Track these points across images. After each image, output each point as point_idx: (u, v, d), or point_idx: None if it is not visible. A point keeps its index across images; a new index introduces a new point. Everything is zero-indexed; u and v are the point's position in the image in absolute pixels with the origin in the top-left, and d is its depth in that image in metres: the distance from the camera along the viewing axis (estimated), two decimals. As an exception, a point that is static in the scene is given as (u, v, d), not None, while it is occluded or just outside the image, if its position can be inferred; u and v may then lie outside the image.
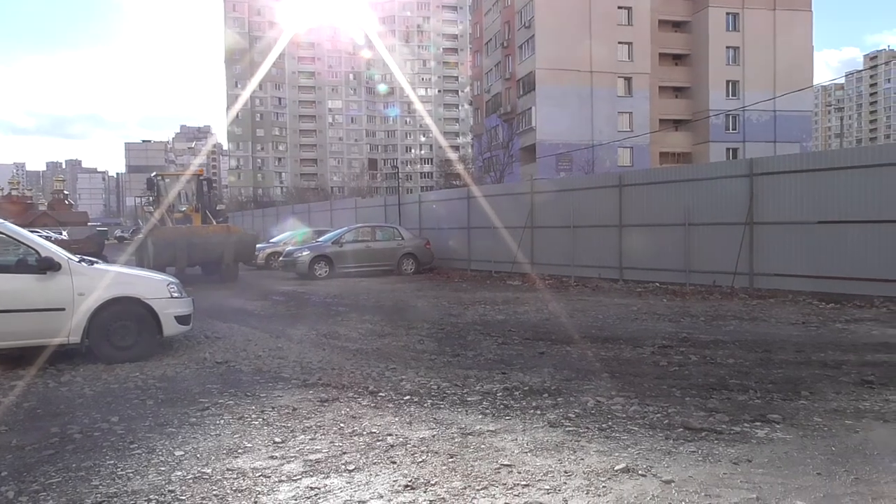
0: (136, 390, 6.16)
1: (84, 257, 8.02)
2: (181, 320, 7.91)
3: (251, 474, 3.92)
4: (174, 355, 7.82)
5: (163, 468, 4.05)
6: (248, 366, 7.20)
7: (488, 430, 4.70)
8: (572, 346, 8.01)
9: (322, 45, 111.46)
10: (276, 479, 3.83)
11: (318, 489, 3.68)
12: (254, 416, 5.19)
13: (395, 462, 4.08)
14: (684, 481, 3.68)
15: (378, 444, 4.44)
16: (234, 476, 3.89)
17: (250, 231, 25.61)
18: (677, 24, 52.62)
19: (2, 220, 7.57)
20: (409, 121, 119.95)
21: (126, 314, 7.50)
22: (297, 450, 4.35)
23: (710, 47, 50.58)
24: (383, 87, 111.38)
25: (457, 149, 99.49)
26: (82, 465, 4.15)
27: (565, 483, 3.69)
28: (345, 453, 4.26)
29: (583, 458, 4.08)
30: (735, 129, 51.08)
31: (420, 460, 4.10)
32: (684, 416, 4.95)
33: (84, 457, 4.31)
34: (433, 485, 3.70)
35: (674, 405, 5.27)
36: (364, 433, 4.68)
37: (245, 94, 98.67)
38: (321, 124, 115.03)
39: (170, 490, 3.69)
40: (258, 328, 10.06)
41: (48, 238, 15.97)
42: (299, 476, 3.88)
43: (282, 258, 21.18)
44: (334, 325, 10.20)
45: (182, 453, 4.32)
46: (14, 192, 72.88)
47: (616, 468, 3.88)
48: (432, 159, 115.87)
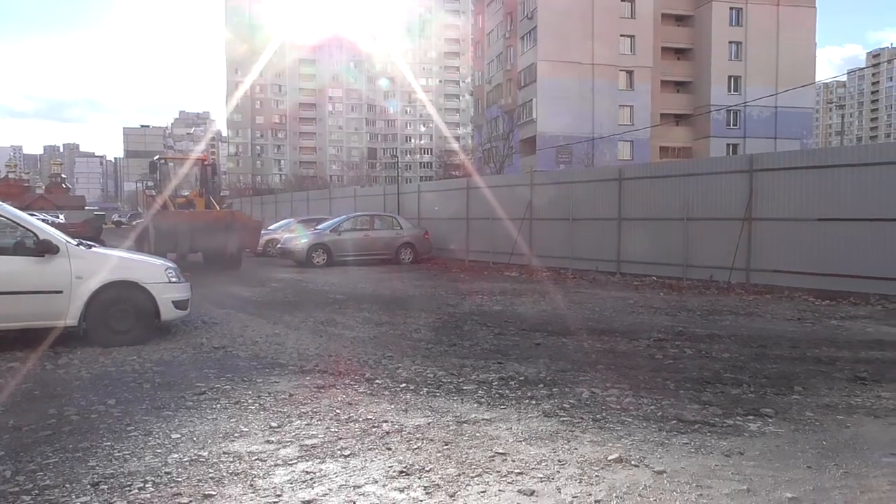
0: (134, 374, 6.18)
1: (82, 241, 8.02)
2: (179, 305, 7.92)
3: (247, 458, 3.95)
4: (171, 340, 7.84)
5: (159, 450, 4.08)
6: (245, 351, 7.23)
7: (483, 419, 4.73)
8: (568, 338, 8.04)
9: (323, 33, 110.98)
10: (272, 463, 3.86)
11: (314, 473, 3.71)
12: (250, 400, 5.22)
13: (390, 448, 4.11)
14: (676, 472, 3.71)
15: (374, 430, 4.47)
16: (231, 459, 3.92)
17: (255, 218, 25.56)
18: (680, 18, 52.46)
19: (0, 202, 7.56)
20: (409, 111, 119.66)
21: (124, 298, 7.52)
22: (293, 435, 4.38)
23: (712, 42, 50.45)
24: (385, 82, 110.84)
25: (456, 139, 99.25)
26: (79, 446, 4.18)
27: (558, 472, 3.73)
28: (340, 439, 4.29)
29: (576, 448, 4.12)
30: (736, 125, 51.05)
31: (415, 447, 4.13)
32: (678, 409, 4.99)
33: (81, 438, 4.33)
34: (428, 471, 3.73)
35: (668, 398, 5.31)
36: (360, 419, 4.71)
37: (247, 83, 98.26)
38: (321, 112, 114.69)
39: (166, 472, 3.72)
40: (255, 314, 10.08)
41: (45, 221, 15.88)
42: (295, 460, 3.91)
43: (280, 245, 21.21)
44: (331, 313, 10.22)
45: (178, 436, 4.35)
46: (11, 176, 72.74)
47: (609, 458, 3.91)
48: (432, 150, 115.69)
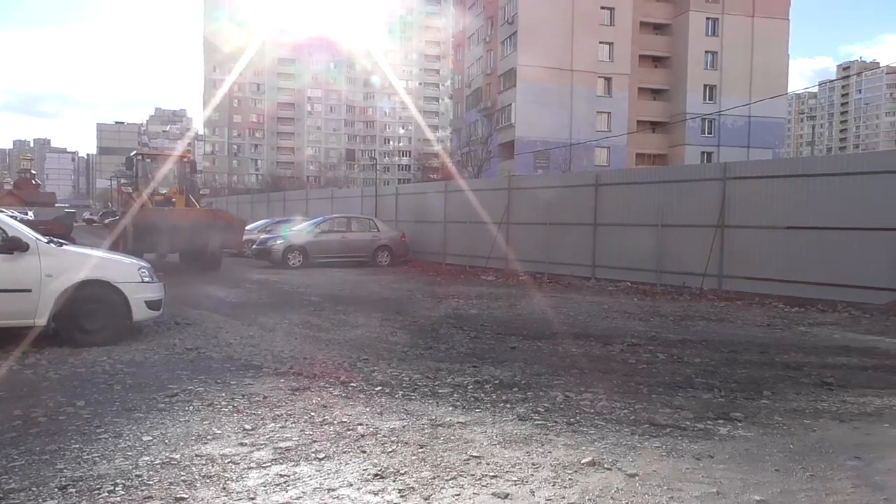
0: (104, 375, 6.09)
1: (53, 238, 7.89)
2: (152, 305, 7.82)
3: (220, 460, 3.91)
4: (143, 341, 7.74)
5: (130, 453, 4.03)
6: (218, 353, 7.16)
7: (458, 422, 4.75)
8: (543, 342, 8.10)
9: (303, 32, 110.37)
10: (246, 466, 3.83)
11: (288, 476, 3.69)
12: (224, 403, 5.17)
13: (365, 451, 4.11)
14: (648, 475, 3.76)
15: (348, 433, 4.46)
16: (203, 462, 3.88)
17: (243, 214, 24.88)
18: (658, 27, 53.11)
19: None
20: (388, 112, 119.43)
21: (95, 297, 7.40)
22: (267, 437, 4.36)
23: (689, 51, 51.15)
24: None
25: (439, 142, 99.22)
26: (46, 448, 4.11)
27: (532, 475, 3.76)
28: (315, 442, 4.27)
29: (550, 451, 4.15)
30: (710, 133, 51.77)
31: (390, 450, 4.13)
32: (650, 413, 5.05)
33: (48, 440, 4.26)
34: (402, 474, 3.73)
35: (640, 402, 5.37)
36: (335, 422, 4.69)
37: (227, 82, 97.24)
38: (300, 112, 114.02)
39: (137, 475, 3.67)
40: (230, 316, 9.99)
41: (13, 218, 15.52)
42: (269, 463, 3.89)
43: (255, 246, 21.02)
44: (307, 315, 10.17)
45: (150, 438, 4.30)
46: (-22, 170, 71.00)
47: (582, 461, 3.95)
48: (410, 152, 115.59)
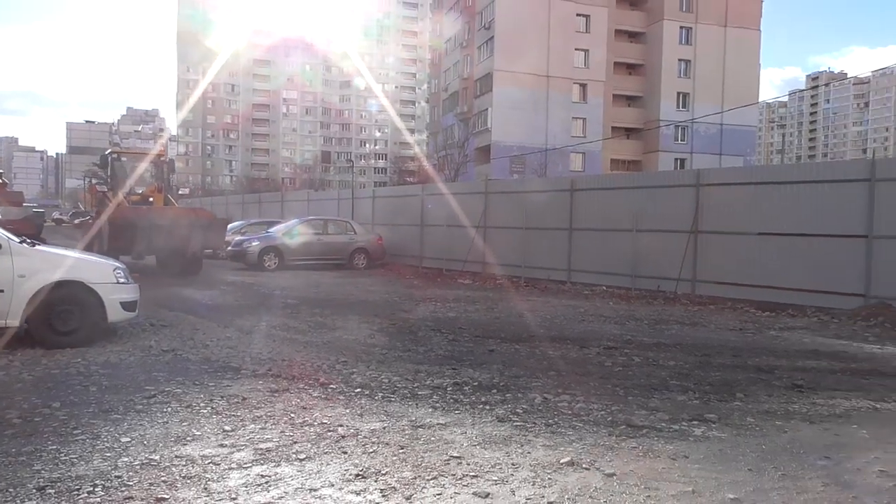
0: (79, 376, 6.01)
1: (26, 238, 7.77)
2: (127, 306, 7.73)
3: (200, 461, 3.90)
4: (118, 342, 7.64)
5: (108, 454, 3.99)
6: (195, 355, 7.10)
7: (438, 424, 4.78)
8: (521, 345, 8.17)
9: (279, 33, 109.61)
10: (227, 467, 3.83)
11: (269, 477, 3.69)
12: (202, 404, 5.15)
13: (346, 452, 4.12)
14: (625, 475, 3.83)
15: (329, 434, 4.47)
16: (183, 463, 3.87)
17: (220, 215, 22.84)
18: (633, 35, 53.83)
19: None
20: (364, 115, 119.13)
21: (69, 298, 7.30)
22: (248, 438, 4.35)
23: (663, 59, 51.94)
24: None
25: (417, 145, 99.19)
26: (23, 449, 4.05)
27: (512, 475, 3.81)
28: (296, 443, 4.28)
29: (529, 452, 4.21)
30: (684, 140, 52.60)
31: (371, 451, 4.15)
32: (627, 414, 5.14)
33: (24, 441, 4.20)
34: (384, 474, 3.76)
35: (617, 403, 5.46)
36: (315, 424, 4.70)
37: (203, 84, 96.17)
38: (275, 114, 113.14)
39: (116, 476, 3.65)
40: (206, 317, 9.90)
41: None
42: (250, 464, 3.88)
43: (230, 248, 20.78)
44: (284, 318, 10.12)
45: (128, 440, 4.26)
46: (-57, 168, 69.32)
47: (561, 461, 4.01)
48: (386, 155, 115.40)
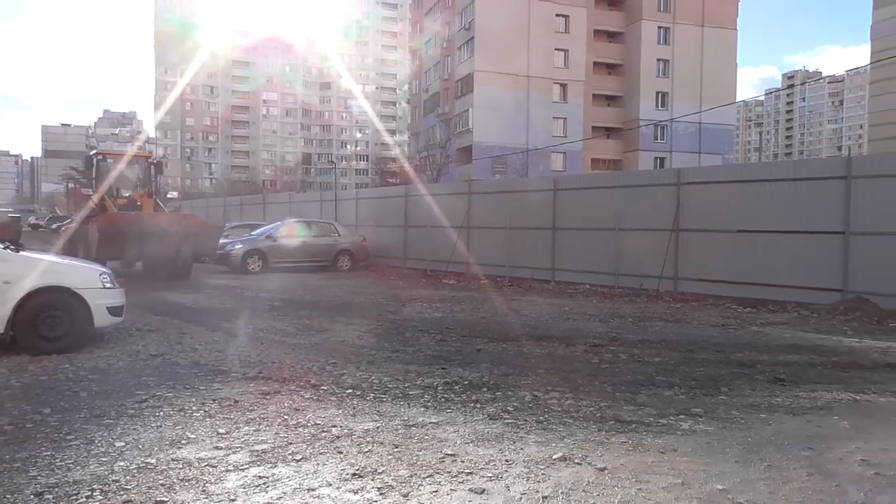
0: (68, 382, 5.99)
1: (9, 244, 7.70)
2: (113, 311, 7.70)
3: (197, 464, 3.93)
4: (105, 347, 7.61)
5: (104, 459, 4.00)
6: (184, 359, 7.09)
7: (431, 422, 4.84)
8: (508, 344, 8.26)
9: (258, 34, 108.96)
10: (223, 469, 3.86)
11: (267, 478, 3.73)
12: (195, 408, 5.16)
13: (341, 452, 4.17)
14: (616, 469, 3.92)
15: (323, 435, 4.52)
16: (180, 466, 3.89)
17: (213, 222, 22.30)
18: (612, 35, 54.26)
19: None
20: (345, 116, 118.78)
21: (55, 304, 7.25)
22: (242, 441, 4.38)
23: (641, 59, 52.42)
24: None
25: (398, 146, 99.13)
26: (17, 456, 4.05)
27: (506, 471, 3.88)
28: (291, 444, 4.31)
29: (522, 448, 4.28)
30: (663, 139, 53.13)
31: (366, 450, 4.20)
32: (615, 410, 5.24)
33: (17, 448, 4.20)
34: (380, 473, 3.81)
35: (605, 400, 5.56)
36: (309, 425, 4.74)
37: (180, 86, 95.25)
38: (255, 116, 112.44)
39: (114, 480, 3.66)
40: (192, 321, 9.87)
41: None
42: (246, 465, 3.92)
43: (213, 251, 20.66)
44: (270, 320, 10.11)
45: (123, 444, 4.27)
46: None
47: (554, 457, 4.09)
48: (368, 156, 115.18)
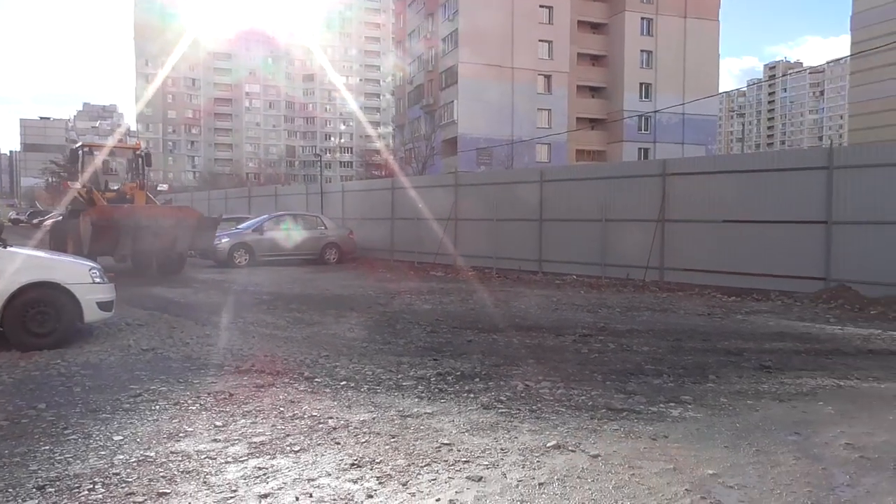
0: (60, 377, 5.98)
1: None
2: (103, 306, 7.68)
3: (196, 456, 3.96)
4: (95, 342, 7.59)
5: (103, 452, 4.03)
6: (176, 353, 7.10)
7: (425, 413, 4.91)
8: (498, 335, 8.34)
9: (239, 26, 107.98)
10: (223, 461, 3.90)
11: (266, 469, 3.78)
12: (190, 401, 5.18)
13: (338, 443, 4.22)
14: (609, 455, 4.01)
15: (320, 426, 4.56)
16: (179, 459, 3.92)
17: (220, 214, 21.55)
18: (595, 26, 54.44)
19: None
20: (329, 108, 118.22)
21: (44, 300, 7.22)
22: (240, 433, 4.42)
23: (625, 50, 52.67)
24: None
25: (381, 138, 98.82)
26: (15, 451, 4.06)
27: (502, 459, 3.95)
28: (288, 435, 4.36)
29: (516, 437, 4.36)
30: (647, 130, 53.46)
31: (363, 441, 4.26)
32: (606, 398, 5.33)
33: (15, 443, 4.21)
34: (378, 463, 3.87)
35: (596, 388, 5.65)
36: (305, 416, 4.78)
37: (160, 77, 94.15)
38: (237, 108, 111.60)
39: (114, 473, 3.69)
40: (181, 315, 9.85)
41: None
42: (245, 457, 3.96)
43: (199, 245, 20.51)
44: (260, 314, 10.12)
45: (121, 438, 4.29)
46: None
47: (548, 445, 4.17)
48: (352, 148, 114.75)
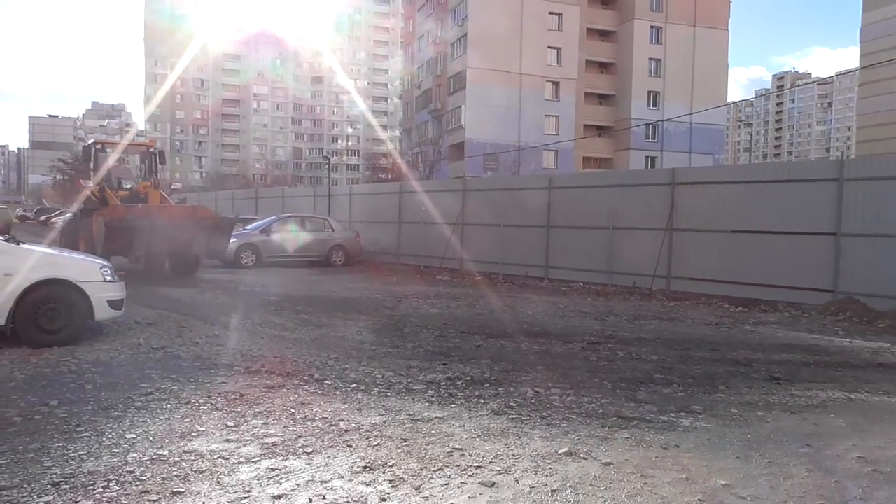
0: (71, 374, 6.01)
1: (10, 236, 7.69)
2: (114, 305, 7.71)
3: (209, 456, 3.97)
4: (105, 341, 7.61)
5: (116, 450, 4.04)
6: (186, 352, 7.12)
7: (436, 417, 4.91)
8: (506, 340, 8.33)
9: (249, 27, 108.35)
10: (236, 461, 3.91)
11: (279, 470, 3.78)
12: (201, 401, 5.20)
13: (350, 446, 4.23)
14: (622, 463, 4.01)
15: (332, 428, 4.57)
16: (192, 458, 3.94)
17: (226, 214, 20.67)
18: (604, 34, 54.47)
19: None
20: (336, 111, 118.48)
21: (56, 297, 7.25)
22: (252, 434, 4.43)
23: (634, 58, 52.67)
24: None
25: (390, 141, 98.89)
26: (29, 447, 4.08)
27: (514, 465, 3.95)
28: (300, 437, 4.37)
29: (528, 443, 4.36)
30: (654, 138, 53.41)
31: (375, 444, 4.27)
32: (617, 407, 5.33)
33: (29, 439, 4.23)
34: (391, 466, 3.88)
35: (606, 396, 5.65)
36: (316, 418, 4.79)
37: (170, 79, 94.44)
38: (245, 109, 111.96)
39: (128, 471, 3.70)
40: (189, 315, 9.88)
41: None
42: (258, 458, 3.97)
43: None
44: (268, 315, 10.14)
45: (133, 436, 4.31)
46: None
47: (559, 452, 4.17)
48: (359, 151, 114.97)
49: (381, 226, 22.33)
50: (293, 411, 4.96)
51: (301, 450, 4.13)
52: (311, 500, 3.39)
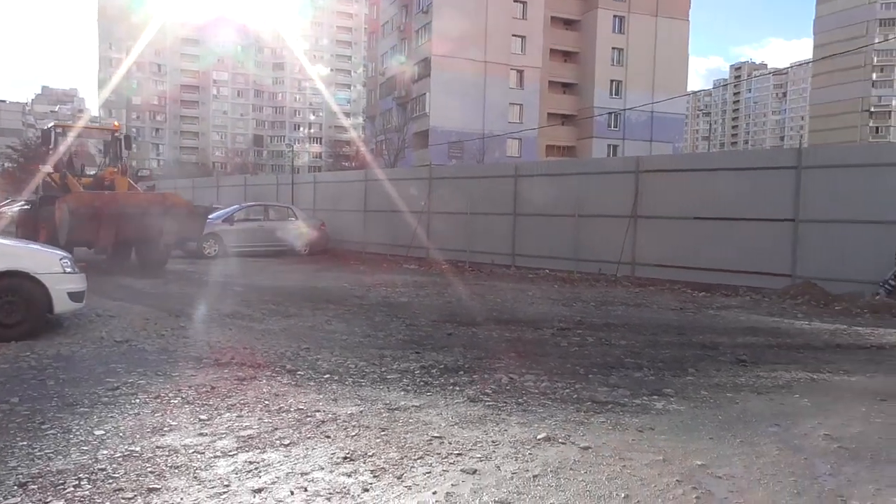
0: (31, 370, 5.81)
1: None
2: (74, 297, 7.47)
3: (184, 451, 3.88)
4: (66, 334, 7.38)
5: (85, 447, 3.92)
6: (151, 345, 6.95)
7: (413, 406, 4.89)
8: (478, 328, 8.35)
9: (209, 11, 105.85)
10: (212, 455, 3.83)
11: (257, 463, 3.72)
12: (171, 394, 5.08)
13: (328, 437, 4.18)
14: (599, 447, 4.06)
15: (308, 419, 4.52)
16: (166, 453, 3.84)
17: (199, 202, 19.96)
18: (568, 23, 54.77)
19: None
20: (298, 98, 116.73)
21: (13, 289, 7.00)
22: (226, 427, 4.35)
23: (597, 47, 53.10)
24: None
25: (353, 129, 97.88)
26: (-8, 445, 3.94)
27: (494, 451, 3.96)
28: (276, 429, 4.31)
29: (506, 430, 4.38)
30: (616, 127, 54.06)
31: (353, 434, 4.23)
32: (590, 391, 5.39)
33: (-9, 438, 4.08)
34: (371, 456, 3.85)
35: (579, 381, 5.71)
36: (291, 410, 4.73)
37: (126, 62, 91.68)
38: (205, 96, 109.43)
39: (100, 468, 3.60)
40: (153, 307, 9.65)
41: None
42: (235, 451, 3.90)
43: (167, 235, 20.08)
44: (235, 306, 9.96)
45: (102, 432, 4.19)
46: None
47: (538, 437, 4.20)
48: (321, 139, 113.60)
49: (347, 214, 22.14)
50: (267, 403, 4.89)
51: (278, 442, 4.07)
52: (292, 493, 3.34)
